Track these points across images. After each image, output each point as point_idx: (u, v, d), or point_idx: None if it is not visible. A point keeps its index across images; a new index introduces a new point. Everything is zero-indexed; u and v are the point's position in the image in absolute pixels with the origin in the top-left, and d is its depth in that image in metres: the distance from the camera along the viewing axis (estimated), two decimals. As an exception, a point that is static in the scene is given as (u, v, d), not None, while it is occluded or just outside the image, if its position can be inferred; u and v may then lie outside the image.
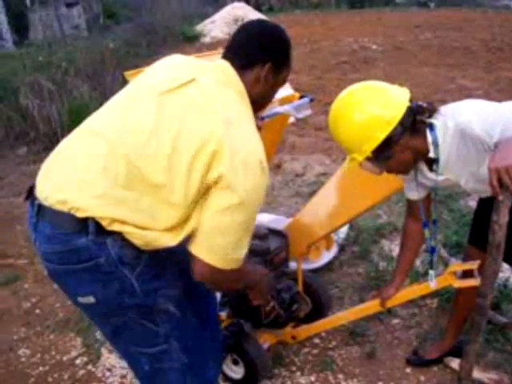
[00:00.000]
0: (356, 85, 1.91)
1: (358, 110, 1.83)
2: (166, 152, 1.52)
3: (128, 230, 1.54)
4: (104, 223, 1.52)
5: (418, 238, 2.23)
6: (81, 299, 1.67)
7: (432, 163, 1.95)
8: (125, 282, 1.60)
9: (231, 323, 2.54)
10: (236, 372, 2.56)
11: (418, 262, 3.20)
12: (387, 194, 2.44)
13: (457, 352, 2.49)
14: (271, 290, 2.25)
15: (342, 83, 7.72)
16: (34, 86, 6.73)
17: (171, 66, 1.75)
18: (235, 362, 2.54)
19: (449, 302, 2.82)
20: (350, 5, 19.95)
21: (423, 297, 2.72)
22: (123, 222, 1.53)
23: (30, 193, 1.69)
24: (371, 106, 1.82)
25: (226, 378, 2.59)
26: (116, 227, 1.53)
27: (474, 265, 2.03)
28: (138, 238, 1.55)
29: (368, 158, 1.87)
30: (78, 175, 1.57)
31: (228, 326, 2.53)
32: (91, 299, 1.63)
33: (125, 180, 1.53)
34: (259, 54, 1.72)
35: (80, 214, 1.52)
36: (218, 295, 2.47)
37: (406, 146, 1.85)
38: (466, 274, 2.11)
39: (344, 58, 9.92)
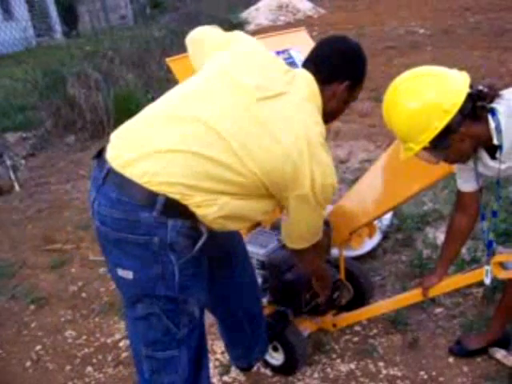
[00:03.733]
0: (412, 70, 1.82)
1: (414, 97, 1.75)
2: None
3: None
4: (176, 198, 1.53)
5: (466, 232, 2.15)
6: (120, 272, 1.65)
7: (493, 151, 1.83)
8: (168, 268, 1.59)
9: (277, 312, 2.53)
10: (276, 358, 2.56)
11: (463, 250, 3.12)
12: (433, 179, 2.34)
13: (502, 343, 2.43)
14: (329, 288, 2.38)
15: (387, 69, 7.58)
16: (81, 76, 6.85)
17: (257, 63, 1.78)
18: (275, 349, 2.54)
19: (494, 291, 2.74)
20: (397, -11, 19.49)
21: (468, 286, 2.65)
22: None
23: (99, 154, 1.68)
24: (429, 94, 1.73)
25: (267, 364, 2.60)
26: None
27: (519, 255, 1.96)
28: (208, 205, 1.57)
29: (425, 148, 1.78)
30: (167, 154, 1.55)
31: (273, 315, 2.52)
32: (130, 275, 1.62)
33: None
34: (341, 72, 1.77)
35: (155, 188, 1.52)
36: (259, 281, 2.47)
37: (465, 134, 1.76)
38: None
39: (390, 43, 9.69)
